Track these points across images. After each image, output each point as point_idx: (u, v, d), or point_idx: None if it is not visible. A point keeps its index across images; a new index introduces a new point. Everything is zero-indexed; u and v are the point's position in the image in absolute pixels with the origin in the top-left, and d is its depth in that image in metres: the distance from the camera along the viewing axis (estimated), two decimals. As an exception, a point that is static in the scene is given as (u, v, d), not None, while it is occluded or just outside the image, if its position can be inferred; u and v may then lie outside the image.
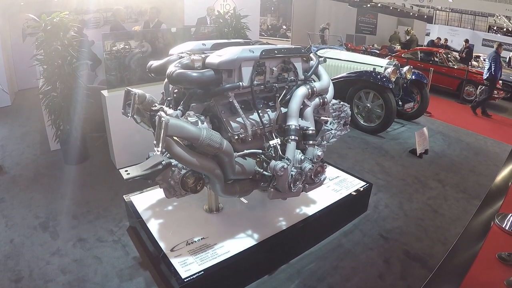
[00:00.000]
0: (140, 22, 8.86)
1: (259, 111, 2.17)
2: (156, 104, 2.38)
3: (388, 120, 5.41)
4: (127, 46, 5.63)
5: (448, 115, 7.38)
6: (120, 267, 2.61)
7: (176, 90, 2.29)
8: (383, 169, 4.44)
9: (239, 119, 2.09)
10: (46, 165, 4.20)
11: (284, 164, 2.02)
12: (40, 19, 3.51)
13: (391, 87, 5.27)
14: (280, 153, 2.12)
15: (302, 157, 2.19)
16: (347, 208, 3.15)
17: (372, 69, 5.63)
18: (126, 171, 2.02)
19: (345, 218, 3.20)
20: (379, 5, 20.18)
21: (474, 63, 11.26)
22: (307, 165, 2.19)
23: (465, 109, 8.01)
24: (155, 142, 1.76)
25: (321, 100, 2.46)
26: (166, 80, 2.42)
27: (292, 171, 2.12)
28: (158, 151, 1.71)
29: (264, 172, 2.10)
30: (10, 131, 5.24)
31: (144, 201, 2.91)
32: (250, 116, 2.16)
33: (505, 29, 21.39)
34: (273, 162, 2.05)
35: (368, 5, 19.84)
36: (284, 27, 20.25)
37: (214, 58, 2.04)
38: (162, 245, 2.38)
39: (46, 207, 3.36)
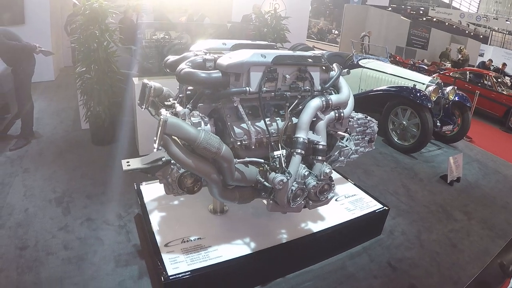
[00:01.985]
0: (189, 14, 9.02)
1: (267, 119, 2.09)
2: (171, 99, 2.37)
3: (423, 140, 5.12)
4: (167, 36, 5.75)
5: (490, 142, 6.90)
6: (119, 252, 2.65)
7: (189, 88, 2.27)
8: (408, 192, 4.20)
9: (244, 125, 2.02)
10: (74, 143, 4.37)
11: (284, 178, 1.93)
12: (79, 3, 3.64)
13: (429, 106, 4.98)
14: (284, 166, 2.03)
15: (307, 173, 2.08)
16: (358, 230, 3.00)
17: (412, 86, 5.36)
18: (128, 162, 2.03)
19: (355, 239, 3.04)
20: (434, 19, 19.36)
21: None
22: (311, 182, 2.08)
23: (509, 138, 7.46)
24: (155, 138, 1.75)
25: (337, 114, 2.32)
26: None
27: (293, 186, 2.02)
28: (154, 148, 1.69)
29: (265, 183, 2.03)
30: (48, 106, 5.51)
31: (153, 192, 2.94)
32: (257, 123, 2.09)
33: None
34: (272, 174, 1.97)
35: (424, 19, 19.07)
36: (336, 32, 19.93)
37: (224, 60, 1.99)
38: (158, 238, 2.38)
39: (65, 183, 3.49)
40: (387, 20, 15.77)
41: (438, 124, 5.40)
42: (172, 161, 2.01)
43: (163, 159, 2.00)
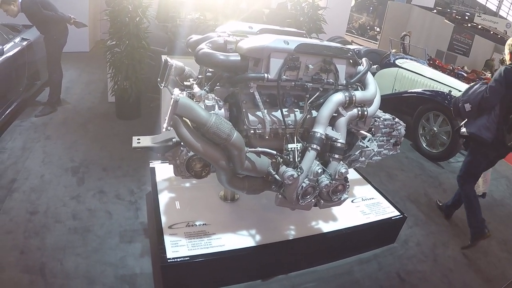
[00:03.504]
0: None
1: (285, 110, 1.99)
2: (190, 80, 2.31)
3: (452, 149, 4.87)
4: (202, 17, 5.69)
5: (523, 159, 6.48)
6: (125, 227, 2.66)
7: (209, 70, 2.20)
8: (429, 202, 4.00)
9: (259, 113, 1.93)
10: (99, 115, 4.43)
11: (294, 173, 1.84)
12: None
13: (463, 115, 4.71)
14: (297, 160, 1.93)
15: (320, 170, 1.98)
16: (370, 235, 2.87)
17: (448, 91, 5.08)
18: (138, 139, 2.01)
19: (366, 244, 2.91)
20: (479, 26, 18.38)
21: None
22: (324, 180, 1.98)
23: (546, 157, 6.98)
24: (165, 117, 1.70)
25: (360, 112, 2.18)
26: None
27: (304, 182, 1.93)
28: (163, 127, 1.64)
29: (276, 175, 1.94)
30: (79, 76, 5.62)
31: (167, 172, 2.89)
32: (273, 113, 1.99)
33: None
34: (283, 168, 1.87)
35: (468, 25, 18.15)
36: (378, 29, 19.34)
37: (245, 43, 1.89)
38: (163, 219, 2.36)
39: (84, 154, 3.54)
40: (430, 22, 15.05)
41: (471, 135, 5.12)
42: (182, 143, 1.96)
43: (173, 139, 1.95)
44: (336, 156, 2.05)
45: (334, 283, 2.52)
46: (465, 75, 10.91)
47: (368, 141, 2.36)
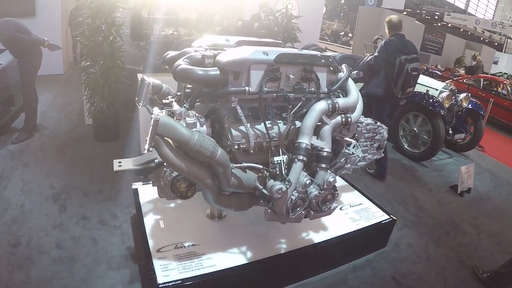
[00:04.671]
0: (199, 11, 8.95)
1: (268, 122, 1.96)
2: (169, 97, 2.27)
3: (434, 148, 4.95)
4: (175, 33, 5.66)
5: (502, 153, 6.67)
6: (112, 254, 2.57)
7: (188, 86, 2.16)
8: (416, 202, 4.04)
9: (242, 128, 1.89)
10: (76, 138, 4.31)
11: (283, 187, 1.81)
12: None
13: (442, 113, 4.80)
14: (284, 173, 1.90)
15: (308, 181, 1.95)
16: (362, 241, 2.86)
17: (425, 91, 5.18)
18: (119, 162, 1.94)
19: (358, 251, 2.90)
20: (449, 25, 19.04)
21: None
22: (313, 191, 1.95)
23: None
24: (146, 138, 1.64)
25: (344, 119, 2.18)
26: None
27: (293, 195, 1.90)
28: (145, 148, 1.58)
29: (263, 190, 1.90)
30: (54, 99, 5.48)
31: (150, 193, 2.82)
32: (257, 126, 1.96)
33: None
34: (270, 182, 1.84)
35: (439, 24, 18.77)
36: (350, 35, 19.74)
37: (223, 56, 1.86)
38: (150, 242, 2.28)
39: (64, 180, 3.42)
40: (402, 24, 15.50)
41: (450, 132, 5.24)
42: (165, 164, 1.90)
43: (156, 160, 1.90)
44: (323, 165, 2.03)
45: (330, 294, 2.49)
46: (440, 73, 11.18)
47: (353, 147, 2.36)
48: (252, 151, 1.94)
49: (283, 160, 1.92)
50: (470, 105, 5.40)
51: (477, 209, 4.13)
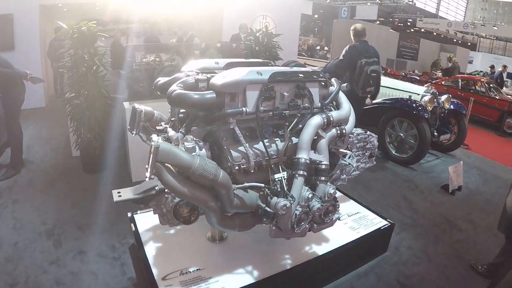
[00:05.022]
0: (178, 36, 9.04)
1: (266, 140, 1.99)
2: (162, 124, 2.26)
3: (421, 151, 5.05)
4: (157, 59, 5.68)
5: (487, 148, 6.86)
6: (113, 286, 2.50)
7: (181, 111, 2.17)
8: (410, 205, 4.10)
9: (241, 148, 1.91)
10: (64, 171, 4.23)
11: (287, 203, 1.82)
12: (68, 27, 3.57)
13: (426, 116, 4.93)
14: (286, 189, 1.91)
15: (310, 195, 1.97)
16: (364, 249, 2.88)
17: (407, 97, 5.32)
18: (119, 192, 1.91)
19: (361, 258, 2.92)
20: (422, 30, 19.68)
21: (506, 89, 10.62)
22: (316, 204, 1.97)
23: (505, 142, 7.44)
24: (146, 166, 1.63)
25: (339, 132, 2.22)
26: None
27: (297, 210, 1.91)
28: (146, 177, 1.57)
29: (266, 208, 1.91)
30: (38, 133, 5.38)
31: (148, 221, 2.77)
32: (255, 145, 1.98)
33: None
34: (274, 199, 1.85)
35: (411, 30, 19.39)
36: (326, 48, 20.16)
37: (218, 79, 1.88)
38: (154, 271, 2.23)
39: (55, 214, 3.34)
40: (377, 33, 15.88)
41: (435, 133, 5.36)
42: (166, 190, 1.89)
43: (156, 188, 1.88)
44: (323, 178, 2.06)
45: (339, 304, 2.49)
46: (418, 78, 11.52)
47: (349, 158, 2.39)
48: (252, 171, 1.94)
49: (284, 177, 1.94)
50: (452, 106, 5.56)
51: (470, 205, 4.22)
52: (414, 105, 5.04)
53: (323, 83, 2.21)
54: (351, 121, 2.34)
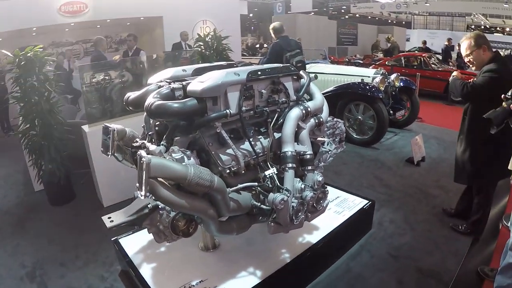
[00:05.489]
0: (121, 52, 8.79)
1: (251, 139, 2.00)
2: (138, 140, 2.20)
3: (381, 130, 5.31)
4: (107, 77, 5.47)
5: (439, 118, 7.34)
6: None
7: (157, 123, 2.12)
8: (382, 182, 4.30)
9: (229, 151, 1.91)
10: (30, 208, 3.96)
11: (284, 197, 1.84)
12: (13, 54, 3.35)
13: (381, 96, 5.19)
14: (278, 184, 1.94)
15: (303, 186, 2.01)
16: (352, 230, 2.98)
17: (360, 80, 5.55)
18: (109, 218, 1.83)
19: (350, 239, 3.03)
20: (357, 15, 20.54)
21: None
22: (309, 194, 2.02)
23: (454, 110, 8.00)
24: (137, 185, 1.58)
25: (317, 121, 2.29)
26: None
27: (293, 202, 1.94)
28: (141, 195, 1.52)
29: (262, 206, 1.92)
30: (-9, 174, 4.98)
31: (134, 243, 2.68)
32: (241, 146, 1.98)
33: (483, 27, 21.88)
34: (271, 195, 1.86)
35: (347, 17, 20.17)
36: (265, 45, 20.38)
37: (196, 85, 1.86)
38: (157, 292, 2.17)
39: (33, 255, 3.11)
40: (315, 24, 16.45)
41: (390, 112, 5.64)
42: (160, 206, 1.84)
43: (149, 205, 1.82)
44: (310, 167, 2.11)
45: (341, 285, 2.58)
46: (361, 62, 12.04)
47: (327, 145, 2.46)
48: (243, 172, 1.95)
49: (274, 172, 1.96)
50: (401, 83, 5.89)
51: (437, 172, 4.51)
52: (367, 87, 5.28)
53: (295, 76, 2.26)
54: (326, 110, 2.42)
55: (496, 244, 3.07)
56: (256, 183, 1.95)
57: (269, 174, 1.95)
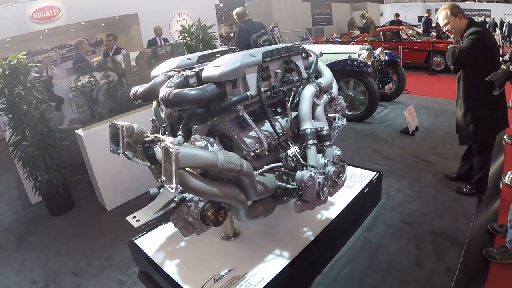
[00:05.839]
0: (99, 53, 8.55)
1: (271, 120, 1.97)
2: (148, 134, 2.12)
3: (373, 105, 5.36)
4: (92, 79, 5.31)
5: (424, 88, 7.47)
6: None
7: (169, 115, 2.05)
8: (381, 154, 4.35)
9: (252, 133, 1.87)
10: (31, 222, 3.83)
11: (312, 173, 1.83)
12: (-3, 64, 3.20)
13: (370, 71, 5.22)
14: (302, 161, 1.92)
15: (326, 161, 2.00)
16: (364, 202, 3.02)
17: (347, 57, 5.56)
18: (135, 217, 1.76)
19: (363, 212, 3.06)
20: (329, -6, 20.50)
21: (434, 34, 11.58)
22: (331, 168, 2.01)
23: (438, 79, 8.14)
24: (164, 178, 1.51)
25: (329, 96, 2.30)
26: (154, 105, 2.18)
27: (318, 178, 1.93)
28: (172, 189, 1.45)
29: (288, 186, 1.90)
30: (-17, 192, 4.78)
31: (151, 242, 2.62)
32: (262, 128, 1.96)
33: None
34: (298, 173, 1.84)
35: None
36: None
37: (213, 70, 1.80)
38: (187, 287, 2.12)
39: (42, 269, 3.02)
40: (291, 7, 16.33)
41: (379, 86, 5.68)
42: (187, 198, 1.79)
43: (175, 199, 1.77)
44: (328, 143, 2.10)
45: (363, 257, 2.60)
46: (340, 40, 12.07)
47: (339, 120, 2.46)
48: (266, 153, 1.92)
49: (296, 151, 1.94)
50: (386, 57, 5.94)
51: (432, 140, 4.59)
52: (355, 63, 5.30)
53: (304, 54, 2.24)
54: (335, 85, 2.41)
55: (499, 201, 3.17)
56: (280, 163, 1.92)
57: (292, 153, 1.93)
